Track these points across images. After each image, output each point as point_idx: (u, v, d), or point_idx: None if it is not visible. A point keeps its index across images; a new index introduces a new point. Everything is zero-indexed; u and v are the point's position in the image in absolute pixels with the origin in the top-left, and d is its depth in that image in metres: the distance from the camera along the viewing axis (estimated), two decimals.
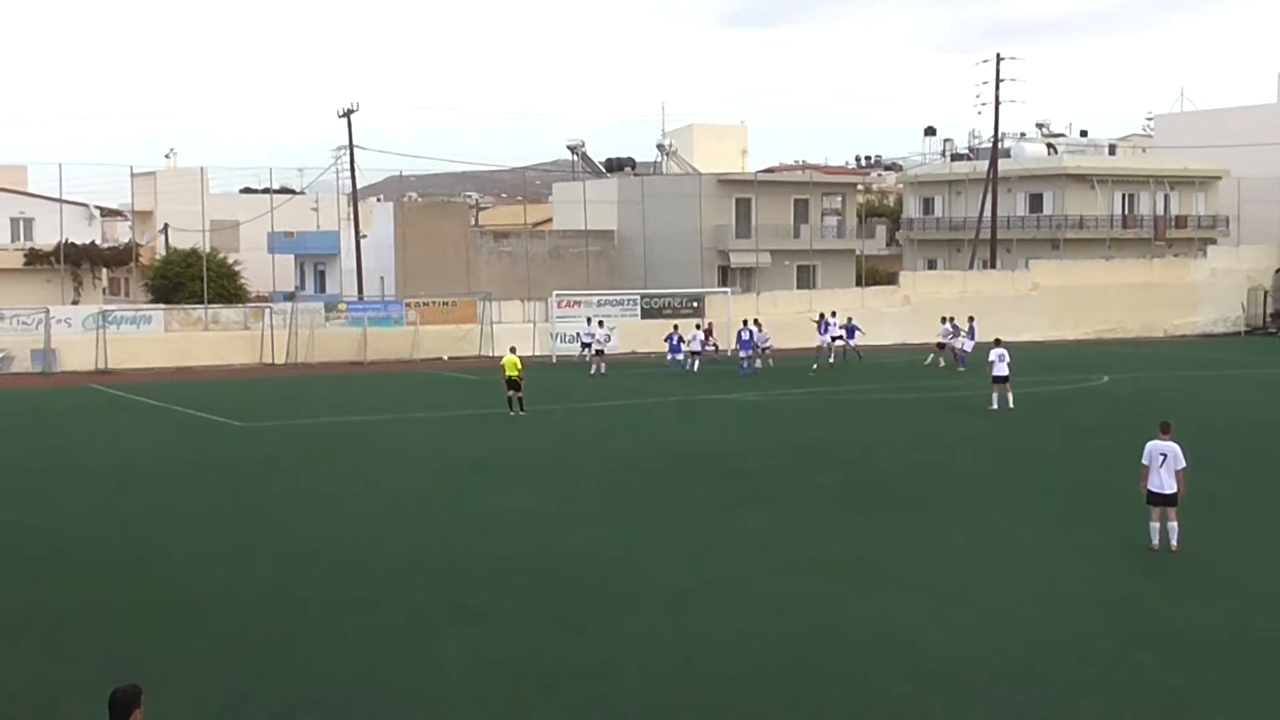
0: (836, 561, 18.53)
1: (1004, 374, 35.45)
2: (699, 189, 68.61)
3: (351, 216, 65.89)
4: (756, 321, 49.14)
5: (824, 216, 72.46)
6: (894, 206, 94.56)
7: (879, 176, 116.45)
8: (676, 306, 57.58)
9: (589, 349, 49.92)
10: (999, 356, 35.56)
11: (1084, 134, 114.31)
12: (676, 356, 48.36)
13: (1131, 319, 66.95)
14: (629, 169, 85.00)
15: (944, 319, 51.14)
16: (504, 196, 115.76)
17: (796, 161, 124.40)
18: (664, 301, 58.06)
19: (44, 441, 31.88)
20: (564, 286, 58.88)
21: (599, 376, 46.61)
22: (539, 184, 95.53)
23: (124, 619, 15.95)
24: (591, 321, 51.75)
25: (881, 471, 26.40)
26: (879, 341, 55.27)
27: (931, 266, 77.48)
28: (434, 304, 56.44)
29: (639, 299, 58.21)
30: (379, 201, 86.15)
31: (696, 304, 57.88)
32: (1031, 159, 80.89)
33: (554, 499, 23.52)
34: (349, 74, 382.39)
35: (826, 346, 49.50)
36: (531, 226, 74.41)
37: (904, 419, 35.17)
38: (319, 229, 76.24)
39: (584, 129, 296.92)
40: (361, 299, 60.46)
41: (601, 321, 51.91)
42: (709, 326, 54.09)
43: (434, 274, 62.13)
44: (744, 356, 47.25)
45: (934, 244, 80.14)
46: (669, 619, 15.67)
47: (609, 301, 57.16)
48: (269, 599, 16.78)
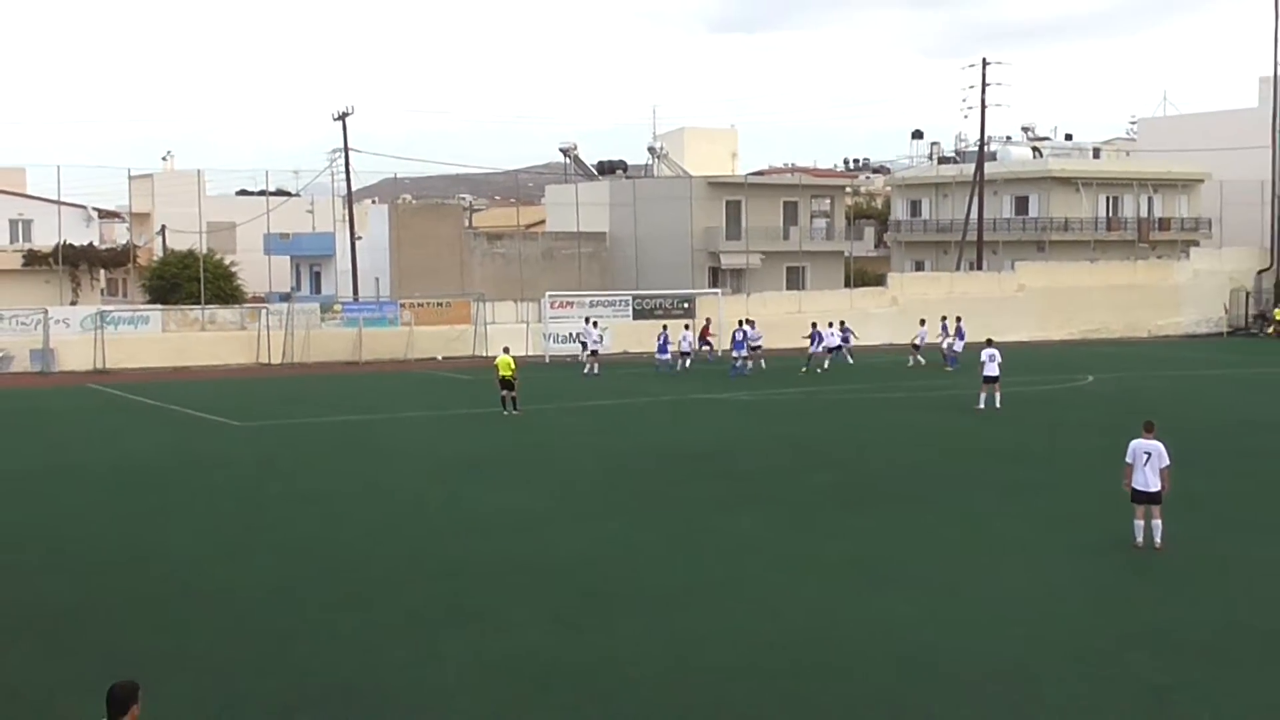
0: (831, 560, 18.51)
1: (994, 374, 35.49)
2: (690, 191, 68.67)
3: (347, 218, 65.85)
4: (750, 322, 49.09)
5: (813, 218, 72.56)
6: (882, 209, 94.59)
7: (867, 179, 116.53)
8: (668, 307, 57.57)
9: (586, 348, 49.79)
10: (990, 357, 35.61)
11: (1069, 137, 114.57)
12: (663, 357, 48.23)
13: (1116, 320, 67.08)
14: (621, 171, 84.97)
15: (922, 321, 51.28)
16: (497, 199, 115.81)
17: (786, 164, 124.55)
18: (655, 302, 58.04)
19: (42, 441, 31.78)
20: (557, 287, 58.85)
21: (592, 376, 46.57)
22: (532, 186, 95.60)
23: (122, 617, 15.89)
24: (589, 322, 51.68)
25: (873, 471, 26.39)
26: (867, 342, 55.24)
27: (919, 268, 77.51)
28: (428, 305, 56.38)
29: (631, 300, 58.19)
30: (374, 203, 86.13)
31: (687, 305, 57.86)
32: (1017, 162, 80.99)
33: (549, 498, 23.48)
34: (344, 78, 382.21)
35: (820, 354, 48.86)
36: (525, 228, 74.36)
37: (894, 419, 35.19)
38: (315, 231, 76.10)
39: (576, 132, 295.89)
40: (357, 300, 60.42)
41: (596, 322, 51.88)
42: (706, 323, 54.02)
43: (428, 275, 62.10)
44: (737, 356, 47.20)
45: (921, 246, 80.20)
46: (664, 618, 15.64)
47: (601, 302, 57.13)
48: (267, 598, 16.72)
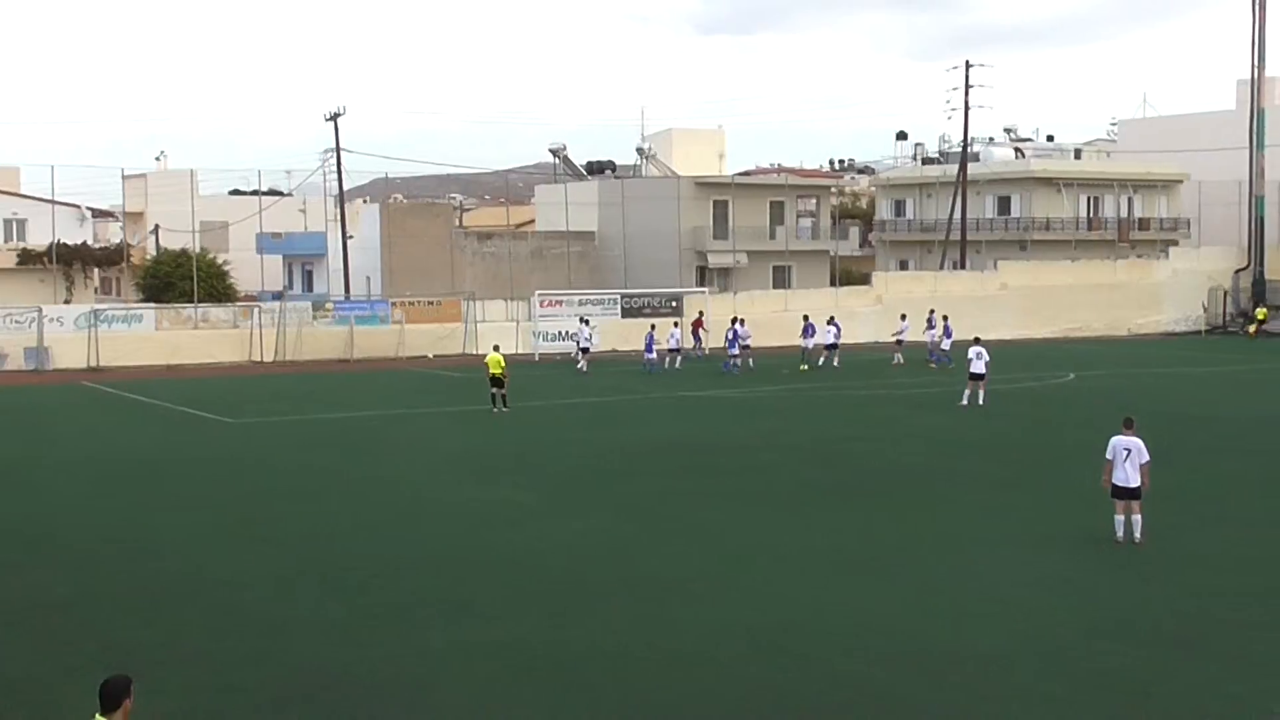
0: (813, 552, 18.57)
1: (980, 371, 35.64)
2: (677, 191, 68.72)
3: (338, 218, 65.76)
4: (740, 320, 49.19)
5: (799, 218, 72.64)
6: (867, 209, 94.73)
7: (852, 179, 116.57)
8: (656, 306, 57.59)
9: (580, 346, 49.59)
10: (977, 354, 35.78)
11: (1050, 139, 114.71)
12: (650, 356, 48.11)
13: (1097, 318, 67.26)
14: (609, 172, 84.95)
15: (903, 316, 51.54)
16: (487, 198, 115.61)
17: (772, 165, 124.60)
18: (643, 301, 58.05)
19: (36, 437, 31.74)
20: (546, 286, 58.86)
21: (582, 374, 46.57)
22: (522, 186, 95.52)
23: (116, 610, 15.89)
24: (583, 321, 51.50)
25: (857, 466, 26.45)
26: (852, 340, 55.24)
27: (903, 267, 77.69)
28: (419, 303, 56.35)
29: (619, 298, 58.20)
30: (365, 203, 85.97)
31: (675, 304, 57.88)
32: (1000, 163, 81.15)
33: (537, 492, 23.51)
34: (336, 78, 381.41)
35: (814, 348, 48.79)
36: (514, 228, 74.41)
37: (878, 415, 35.25)
38: (306, 230, 75.98)
39: (566, 133, 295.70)
40: (348, 298, 60.36)
41: (588, 320, 51.84)
42: (699, 316, 53.90)
43: (419, 274, 62.07)
44: (733, 354, 47.31)
45: (906, 245, 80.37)
46: (648, 608, 15.68)
47: (590, 301, 57.13)
48: (259, 590, 16.73)
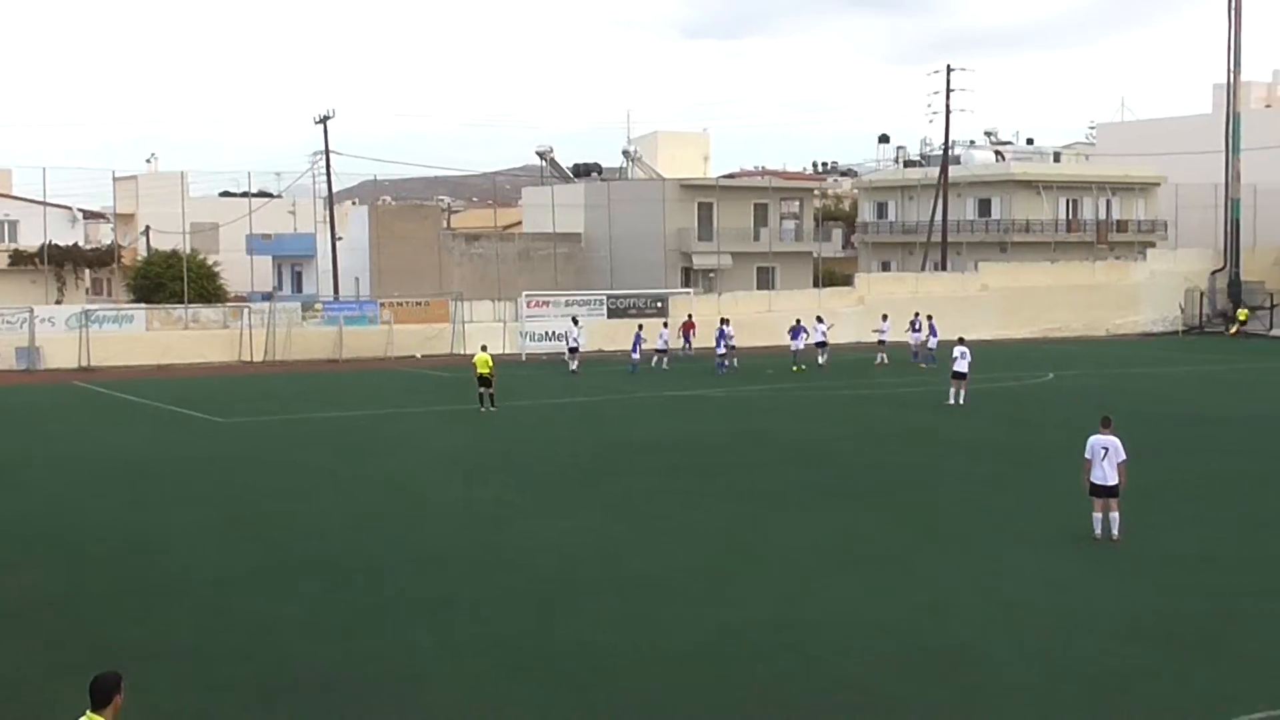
0: (799, 550, 18.59)
1: (963, 370, 35.85)
2: (663, 193, 68.71)
3: (328, 219, 65.66)
4: (726, 320, 49.21)
5: (783, 220, 72.70)
6: (849, 211, 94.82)
7: (835, 182, 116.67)
8: (641, 306, 57.58)
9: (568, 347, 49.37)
10: (961, 354, 35.97)
11: (1030, 142, 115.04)
12: (635, 356, 47.99)
13: (1075, 318, 67.43)
14: (595, 174, 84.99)
15: (884, 316, 51.63)
16: (475, 200, 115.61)
17: (756, 167, 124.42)
18: (629, 302, 58.05)
19: (27, 435, 31.63)
20: (533, 287, 58.82)
21: (571, 374, 46.54)
22: (509, 188, 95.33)
23: (106, 608, 15.84)
24: (575, 322, 51.26)
25: (840, 464, 26.49)
26: (835, 340, 55.26)
27: (885, 268, 77.83)
28: (407, 304, 56.26)
29: (605, 299, 58.19)
30: (354, 205, 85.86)
31: (660, 304, 57.87)
32: (980, 166, 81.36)
33: (524, 491, 23.50)
34: (325, 82, 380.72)
35: (804, 349, 48.68)
36: (501, 229, 74.30)
37: (861, 414, 35.29)
38: (296, 231, 75.84)
39: (552, 136, 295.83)
40: (337, 299, 60.25)
41: (578, 320, 51.72)
42: (688, 318, 53.85)
43: (407, 275, 61.99)
44: (721, 354, 47.36)
45: (888, 247, 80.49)
46: (635, 604, 15.69)
47: (576, 301, 57.10)
48: (248, 587, 16.70)
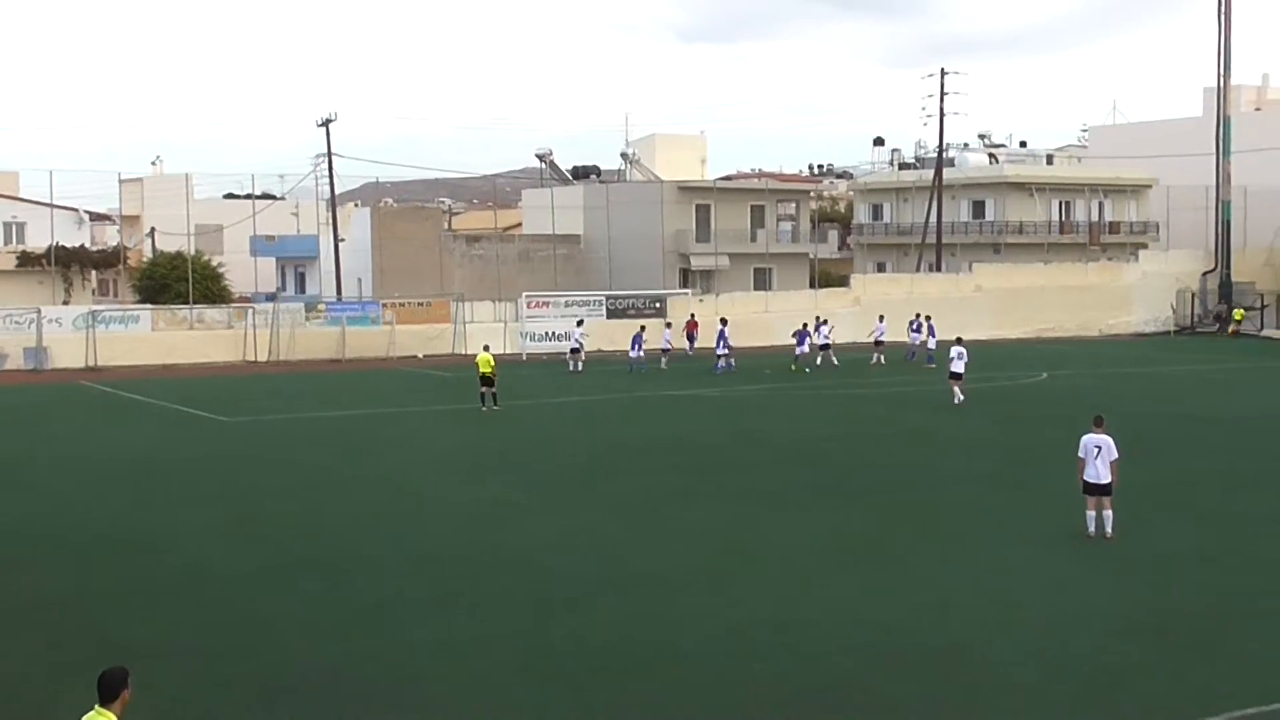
0: (793, 548, 18.59)
1: (960, 371, 36.03)
2: (661, 195, 68.68)
3: (330, 221, 65.68)
4: (724, 321, 49.22)
5: (779, 222, 72.71)
6: (845, 212, 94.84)
7: (831, 184, 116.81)
8: (640, 307, 57.64)
9: (570, 347, 49.38)
10: (958, 354, 36.17)
11: (1023, 145, 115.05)
12: (634, 355, 47.94)
13: (1069, 319, 67.45)
14: (594, 176, 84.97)
15: (880, 317, 51.67)
16: (476, 202, 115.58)
17: (753, 170, 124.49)
18: (628, 302, 58.09)
19: (35, 435, 31.62)
20: (533, 288, 58.83)
21: (575, 374, 46.59)
22: (509, 190, 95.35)
23: (112, 606, 15.83)
24: (579, 323, 51.20)
25: (837, 463, 26.49)
26: (832, 340, 55.24)
27: (881, 269, 77.87)
28: (409, 304, 56.28)
29: (604, 300, 58.21)
30: (356, 207, 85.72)
31: (659, 305, 57.92)
32: (974, 168, 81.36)
33: (526, 490, 23.49)
34: (328, 85, 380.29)
35: (807, 353, 48.53)
36: (502, 231, 74.25)
37: (860, 413, 35.31)
38: (299, 233, 75.85)
39: (551, 138, 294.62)
40: (340, 300, 60.27)
41: (582, 323, 51.70)
42: (691, 318, 53.81)
43: (409, 276, 61.99)
44: (721, 354, 47.39)
45: (883, 248, 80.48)
46: (634, 604, 15.69)
47: (576, 302, 57.12)
48: (253, 585, 16.69)
